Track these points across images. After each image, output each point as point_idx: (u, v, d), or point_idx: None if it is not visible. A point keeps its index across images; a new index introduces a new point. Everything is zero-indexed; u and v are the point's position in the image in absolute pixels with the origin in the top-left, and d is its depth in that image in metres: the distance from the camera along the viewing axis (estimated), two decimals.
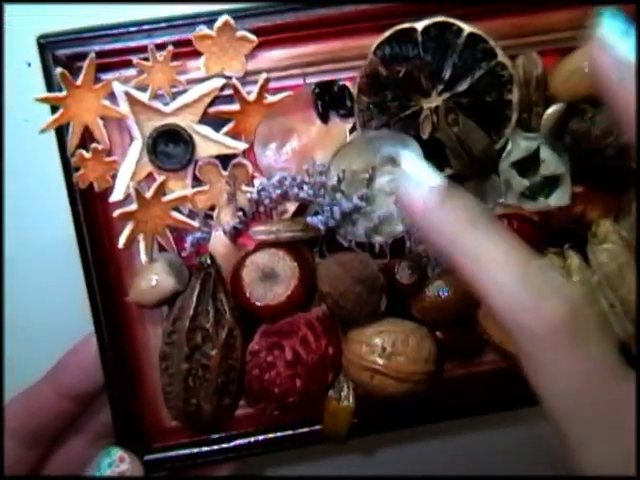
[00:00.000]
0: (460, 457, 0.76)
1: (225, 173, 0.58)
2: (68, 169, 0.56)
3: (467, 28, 0.56)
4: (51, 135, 0.57)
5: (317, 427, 0.63)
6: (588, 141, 0.58)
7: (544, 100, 0.60)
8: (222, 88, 0.57)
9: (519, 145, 0.60)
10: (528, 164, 0.60)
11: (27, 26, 0.55)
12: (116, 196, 0.56)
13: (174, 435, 0.63)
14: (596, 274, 0.62)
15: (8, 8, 0.62)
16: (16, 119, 0.64)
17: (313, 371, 0.59)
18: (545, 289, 0.38)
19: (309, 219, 0.58)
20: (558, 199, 0.60)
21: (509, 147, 0.60)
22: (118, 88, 0.55)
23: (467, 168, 0.58)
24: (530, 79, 0.59)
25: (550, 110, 0.59)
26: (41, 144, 0.57)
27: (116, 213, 0.57)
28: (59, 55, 0.54)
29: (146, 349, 0.61)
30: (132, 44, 0.55)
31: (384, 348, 0.60)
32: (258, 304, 0.58)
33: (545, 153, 0.59)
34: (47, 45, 0.54)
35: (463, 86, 0.58)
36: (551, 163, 0.59)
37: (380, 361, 0.60)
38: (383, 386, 0.60)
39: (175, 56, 0.55)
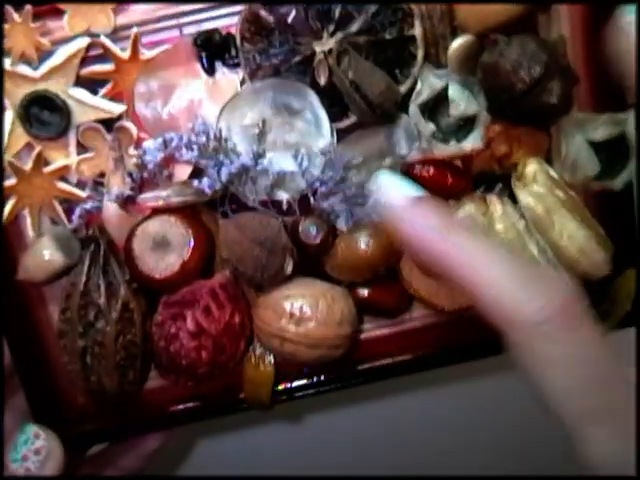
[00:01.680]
0: (396, 417, 0.73)
1: (109, 137, 0.55)
2: None
3: None
4: None
5: (240, 395, 0.61)
6: (498, 75, 0.53)
7: (452, 32, 0.55)
8: (91, 47, 0.53)
9: (427, 84, 0.55)
10: (437, 105, 0.56)
11: None
12: None
13: (91, 411, 0.62)
14: (523, 219, 0.58)
15: None
16: None
17: (219, 341, 0.57)
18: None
19: (196, 183, 0.54)
20: (473, 141, 0.56)
21: (418, 87, 0.56)
22: None
23: (365, 114, 0.54)
24: (433, 10, 0.54)
25: (456, 42, 0.54)
26: None
27: None
28: None
29: (48, 326, 0.59)
30: None
31: (292, 314, 0.57)
32: (151, 276, 0.56)
33: (454, 92, 0.55)
34: None
35: (356, 25, 0.53)
36: (461, 103, 0.55)
37: (288, 327, 0.57)
38: (294, 352, 0.57)
39: (36, 16, 0.52)
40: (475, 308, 0.58)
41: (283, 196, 0.57)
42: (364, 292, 0.60)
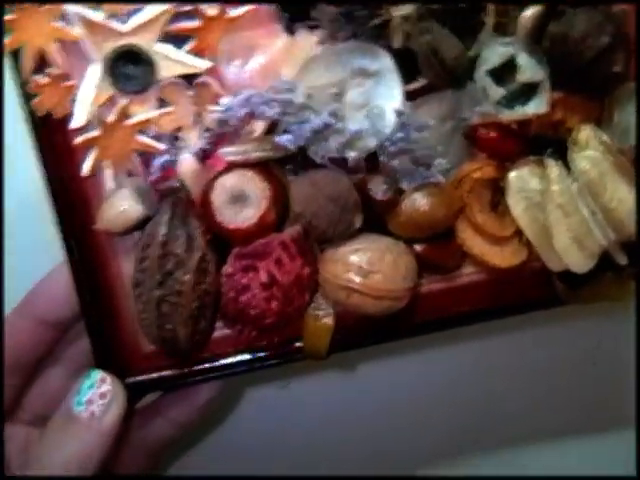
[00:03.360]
0: (444, 370, 0.77)
1: (190, 93, 0.57)
2: (25, 98, 0.55)
3: None
4: None
5: (297, 344, 0.64)
6: (566, 44, 0.57)
7: (521, 3, 0.58)
8: (181, 4, 0.55)
9: (495, 51, 0.59)
10: (505, 71, 0.59)
11: None
12: (76, 122, 0.56)
13: (154, 359, 0.64)
14: (577, 182, 0.62)
15: None
16: None
17: (289, 292, 0.60)
18: None
19: (277, 139, 0.57)
20: (536, 106, 0.60)
21: (485, 54, 0.59)
22: (71, 8, 0.53)
23: (440, 78, 0.58)
24: None
25: (527, 12, 0.57)
26: None
27: (78, 140, 0.56)
28: None
29: (120, 276, 0.62)
30: None
31: (360, 266, 0.60)
32: (229, 227, 0.59)
33: (522, 59, 0.58)
34: None
35: None
36: (528, 69, 0.58)
37: (356, 279, 0.60)
38: (360, 304, 0.61)
39: None
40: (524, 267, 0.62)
41: (351, 154, 0.60)
42: (420, 248, 0.64)
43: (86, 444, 0.60)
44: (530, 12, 0.57)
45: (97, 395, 0.61)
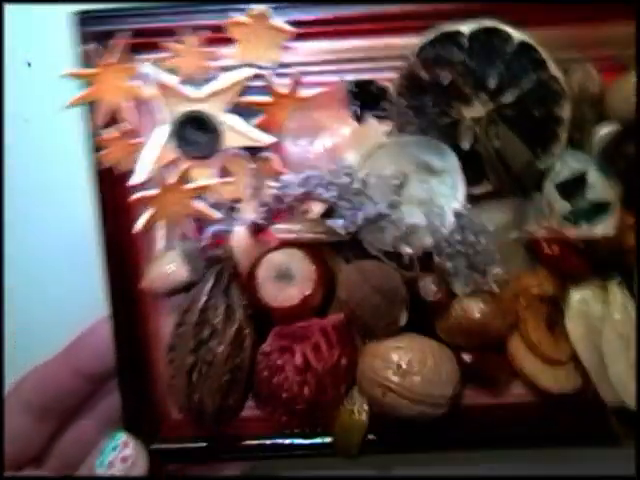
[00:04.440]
0: None
1: (252, 166, 0.58)
2: (92, 149, 0.57)
3: (518, 36, 0.54)
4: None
5: (328, 439, 0.62)
6: None
7: (599, 119, 0.57)
8: (254, 78, 0.56)
9: (567, 165, 0.57)
10: (574, 187, 0.58)
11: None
12: (137, 179, 0.57)
13: (182, 428, 0.63)
14: None
15: None
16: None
17: (323, 380, 0.59)
18: None
19: (330, 222, 0.57)
20: (604, 228, 0.58)
21: (557, 167, 0.58)
22: (147, 69, 0.55)
23: (504, 184, 0.57)
24: (585, 96, 0.56)
25: (604, 130, 0.56)
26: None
27: (135, 197, 0.57)
28: (90, 32, 0.55)
29: (157, 338, 0.62)
30: (164, 25, 0.56)
31: (399, 365, 0.58)
32: (270, 304, 0.58)
33: (594, 177, 0.57)
34: (80, 21, 0.55)
35: (509, 97, 0.56)
36: (599, 188, 0.57)
37: (394, 378, 0.58)
38: (395, 405, 0.58)
39: (208, 41, 0.55)
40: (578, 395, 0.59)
41: (406, 250, 0.59)
42: (468, 357, 0.62)
43: None
44: (606, 130, 0.56)
45: (119, 459, 0.60)
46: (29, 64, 0.65)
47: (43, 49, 0.66)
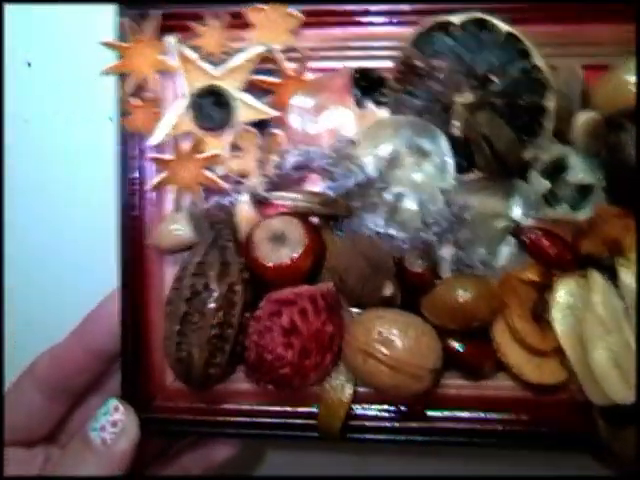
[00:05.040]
0: None
1: (260, 142, 0.64)
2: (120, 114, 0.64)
3: (504, 27, 0.60)
4: None
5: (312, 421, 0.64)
6: (622, 154, 0.58)
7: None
8: (266, 61, 0.63)
9: (549, 152, 0.61)
10: (555, 170, 0.61)
11: None
12: (154, 140, 0.63)
13: (177, 399, 0.66)
14: (623, 300, 0.60)
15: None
16: None
17: (307, 345, 0.61)
18: None
19: (323, 186, 0.61)
20: (587, 213, 0.60)
21: (539, 155, 0.61)
22: (172, 46, 0.63)
23: (490, 164, 0.60)
24: (572, 87, 0.60)
25: (582, 117, 0.60)
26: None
27: (151, 155, 0.63)
28: (127, 12, 0.63)
29: (160, 301, 0.65)
30: (191, 10, 0.63)
31: (380, 332, 0.61)
32: (262, 262, 0.62)
33: (573, 160, 0.60)
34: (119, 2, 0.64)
35: (497, 86, 0.61)
36: (579, 170, 0.60)
37: (374, 344, 0.61)
38: (375, 372, 0.61)
39: (229, 26, 0.63)
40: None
41: (397, 234, 0.62)
42: (453, 344, 0.63)
43: (96, 469, 0.62)
44: (585, 116, 0.60)
45: (109, 423, 0.63)
46: (29, 64, 0.70)
47: (43, 49, 0.71)
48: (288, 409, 0.65)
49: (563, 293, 0.62)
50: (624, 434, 0.61)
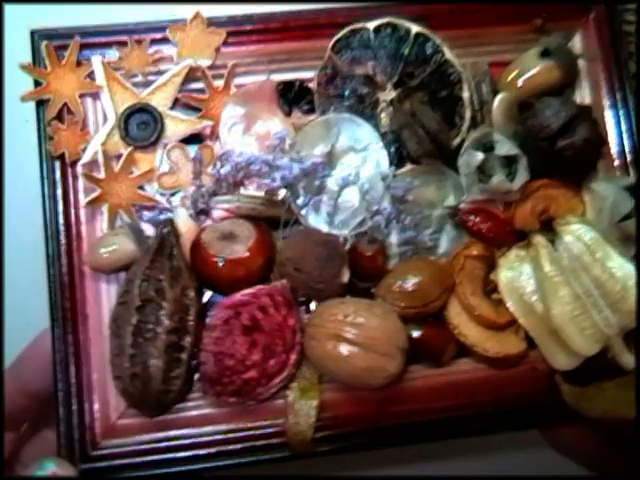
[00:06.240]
0: None
1: (192, 156, 0.63)
2: (44, 139, 0.62)
3: (414, 27, 0.65)
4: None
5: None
6: (533, 126, 0.63)
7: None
8: (190, 75, 0.63)
9: (476, 132, 0.64)
10: (484, 147, 0.64)
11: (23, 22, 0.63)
12: (85, 159, 0.61)
13: (124, 434, 0.60)
14: (565, 259, 0.62)
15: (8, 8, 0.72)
16: None
17: (271, 340, 0.58)
18: None
19: (268, 180, 0.61)
20: (519, 180, 0.63)
21: (466, 144, 0.65)
22: (97, 63, 0.62)
23: (424, 145, 0.62)
24: (481, 77, 0.66)
25: (497, 98, 0.65)
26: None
27: (82, 172, 0.61)
28: (48, 40, 0.63)
29: (99, 330, 0.61)
30: (113, 39, 0.64)
31: (347, 315, 0.59)
32: (217, 260, 0.59)
33: (497, 137, 0.64)
34: (39, 36, 0.63)
35: (415, 81, 0.65)
36: (505, 143, 0.63)
37: (344, 327, 0.59)
38: (349, 357, 0.58)
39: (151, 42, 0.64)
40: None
41: (340, 232, 0.63)
42: (413, 331, 0.62)
43: None
44: (500, 97, 0.65)
45: None
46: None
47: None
48: (249, 425, 0.60)
49: (505, 268, 0.64)
50: (589, 392, 0.61)
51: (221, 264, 0.59)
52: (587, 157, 0.64)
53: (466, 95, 0.65)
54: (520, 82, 0.66)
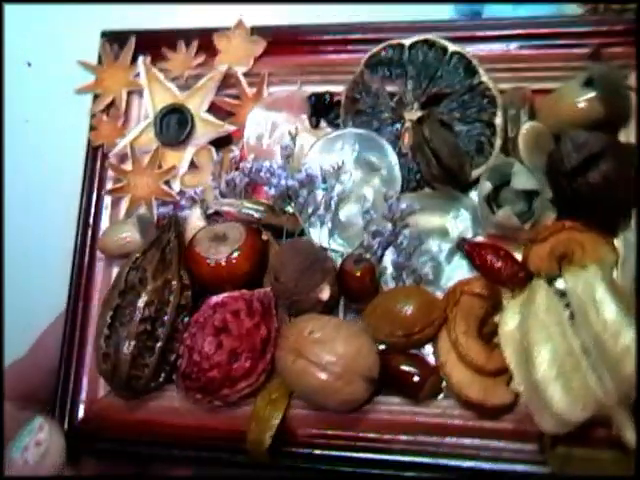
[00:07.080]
0: None
1: (217, 159, 0.65)
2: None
3: (451, 47, 0.62)
4: None
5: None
6: (556, 160, 0.57)
7: None
8: (227, 81, 0.66)
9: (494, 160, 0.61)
10: (503, 181, 0.60)
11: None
12: (115, 150, 0.66)
13: (107, 410, 0.64)
14: (568, 308, 0.56)
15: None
16: None
17: (237, 345, 0.59)
18: None
19: (266, 188, 0.62)
20: (534, 216, 0.58)
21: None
22: (141, 63, 0.67)
23: (436, 173, 0.59)
24: (519, 104, 0.61)
25: (525, 127, 0.60)
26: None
27: (110, 162, 0.66)
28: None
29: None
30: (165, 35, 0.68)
31: (312, 331, 0.58)
32: (201, 259, 0.60)
33: (518, 168, 0.59)
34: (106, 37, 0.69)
35: (445, 103, 0.62)
36: (522, 176, 0.58)
37: (305, 344, 0.58)
38: (305, 373, 0.57)
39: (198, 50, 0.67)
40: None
41: (341, 248, 0.63)
42: (394, 360, 0.59)
43: None
44: (528, 126, 0.60)
45: (33, 442, 0.60)
46: (29, 64, 0.73)
47: (43, 49, 0.74)
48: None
49: (511, 313, 0.59)
50: (578, 455, 0.54)
51: (210, 264, 0.61)
52: (609, 198, 0.56)
53: (498, 121, 0.61)
54: (558, 112, 0.60)
